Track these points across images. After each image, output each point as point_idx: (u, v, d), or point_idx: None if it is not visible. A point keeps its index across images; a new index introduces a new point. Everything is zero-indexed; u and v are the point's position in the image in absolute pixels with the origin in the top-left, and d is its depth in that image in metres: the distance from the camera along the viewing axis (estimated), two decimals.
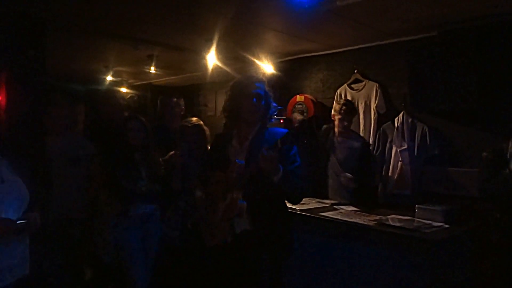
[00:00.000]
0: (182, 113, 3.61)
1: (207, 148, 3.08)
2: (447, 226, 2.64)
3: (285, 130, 2.01)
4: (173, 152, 2.94)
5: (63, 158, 2.90)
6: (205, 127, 3.14)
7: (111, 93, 4.17)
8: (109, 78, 6.20)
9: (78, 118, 4.00)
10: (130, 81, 7.07)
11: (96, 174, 2.89)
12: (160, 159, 2.96)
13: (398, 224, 2.62)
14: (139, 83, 7.24)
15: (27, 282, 1.95)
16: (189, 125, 3.08)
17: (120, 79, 6.65)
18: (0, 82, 3.19)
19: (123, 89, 6.91)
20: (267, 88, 2.20)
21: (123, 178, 2.80)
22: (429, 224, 2.65)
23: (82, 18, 3.57)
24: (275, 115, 2.31)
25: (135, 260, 2.85)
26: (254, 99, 2.10)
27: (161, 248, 3.01)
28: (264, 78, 2.24)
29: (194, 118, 3.18)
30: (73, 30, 3.86)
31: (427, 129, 3.75)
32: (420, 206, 2.86)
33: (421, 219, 2.77)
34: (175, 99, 3.58)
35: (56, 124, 2.94)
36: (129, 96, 7.09)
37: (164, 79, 6.76)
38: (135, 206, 2.85)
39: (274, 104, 2.24)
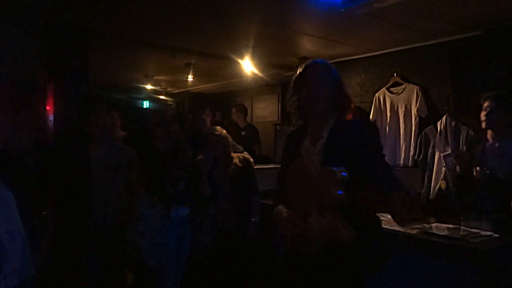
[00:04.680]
0: (211, 119, 3.82)
1: (230, 155, 3.11)
2: (496, 235, 2.50)
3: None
4: (201, 156, 2.98)
5: (104, 165, 2.99)
6: (227, 135, 3.16)
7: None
8: (149, 87, 6.38)
9: (117, 126, 4.12)
10: (169, 89, 7.24)
11: (137, 179, 2.98)
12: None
13: (443, 233, 2.52)
14: (177, 91, 7.41)
15: (33, 283, 1.97)
16: (213, 133, 3.13)
17: (159, 87, 6.83)
18: (48, 93, 3.34)
19: (162, 97, 7.08)
20: (336, 72, 1.80)
21: (166, 181, 2.87)
22: (477, 233, 2.52)
23: (122, 29, 3.70)
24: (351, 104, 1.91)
25: (171, 263, 2.95)
26: (319, 89, 1.72)
27: (193, 253, 3.06)
28: (330, 63, 1.82)
29: (218, 127, 3.23)
30: (114, 41, 3.99)
31: (472, 133, 3.59)
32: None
33: (468, 227, 2.64)
34: (204, 108, 3.76)
35: (97, 132, 3.04)
36: (168, 103, 7.25)
37: (201, 86, 6.88)
38: (175, 208, 2.93)
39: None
